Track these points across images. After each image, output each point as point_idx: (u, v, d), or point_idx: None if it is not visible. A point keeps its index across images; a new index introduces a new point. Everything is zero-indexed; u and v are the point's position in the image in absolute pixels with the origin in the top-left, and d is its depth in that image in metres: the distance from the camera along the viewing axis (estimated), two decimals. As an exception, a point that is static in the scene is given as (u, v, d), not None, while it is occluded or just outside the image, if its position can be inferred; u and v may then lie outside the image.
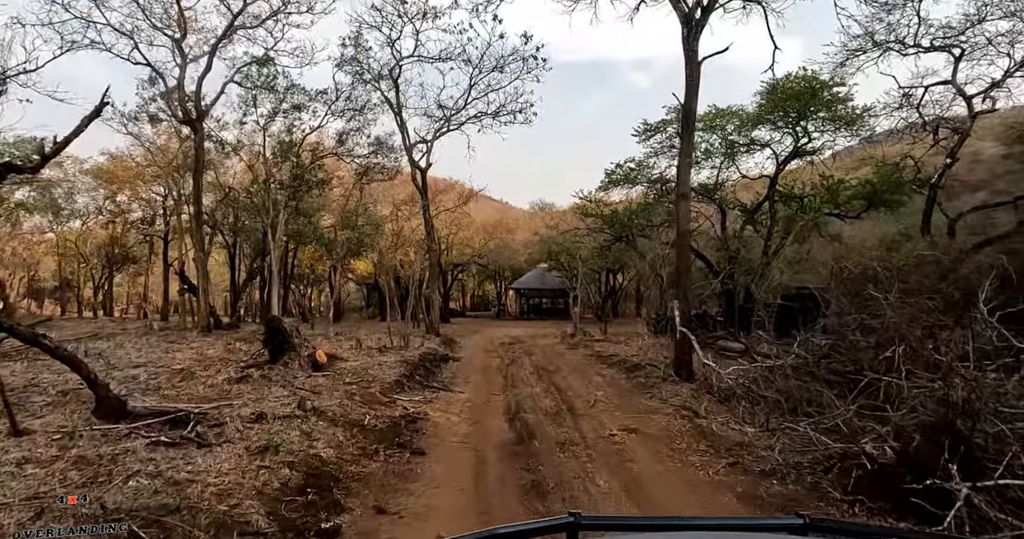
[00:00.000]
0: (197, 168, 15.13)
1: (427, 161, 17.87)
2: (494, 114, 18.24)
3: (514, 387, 10.63)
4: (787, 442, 7.35)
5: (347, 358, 10.87)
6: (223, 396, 7.52)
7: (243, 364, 9.19)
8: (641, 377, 11.30)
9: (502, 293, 56.30)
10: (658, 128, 24.68)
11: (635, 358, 13.61)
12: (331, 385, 8.51)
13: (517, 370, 12.60)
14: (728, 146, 24.44)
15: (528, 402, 9.26)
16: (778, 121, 22.09)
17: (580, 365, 13.43)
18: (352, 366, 10.09)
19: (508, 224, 49.54)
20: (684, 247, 10.96)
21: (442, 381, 10.80)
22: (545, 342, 19.50)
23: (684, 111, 10.82)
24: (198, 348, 11.88)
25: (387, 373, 9.78)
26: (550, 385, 10.87)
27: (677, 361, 11.03)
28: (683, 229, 10.88)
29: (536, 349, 16.90)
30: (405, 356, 11.60)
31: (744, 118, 23.31)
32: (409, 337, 15.03)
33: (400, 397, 8.77)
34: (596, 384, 10.96)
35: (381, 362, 10.60)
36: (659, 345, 16.00)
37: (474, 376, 11.73)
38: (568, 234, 25.69)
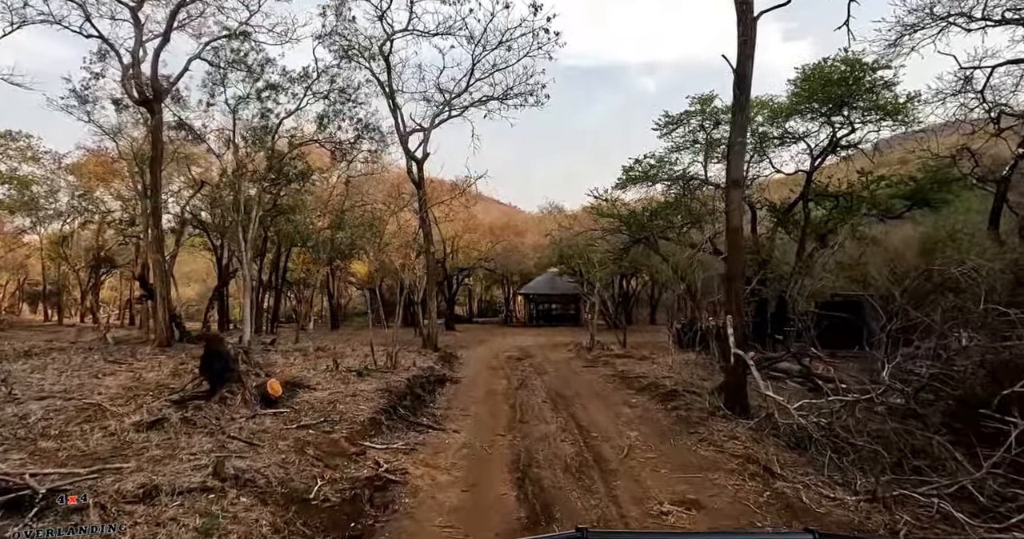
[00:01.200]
0: (154, 156, 13.13)
1: (424, 151, 15.83)
2: (501, 97, 16.15)
3: (523, 422, 8.45)
4: (910, 520, 5.16)
5: (316, 385, 8.73)
6: (118, 452, 5.41)
7: (170, 399, 7.08)
8: (681, 409, 9.08)
9: (510, 298, 54.28)
10: (681, 120, 22.48)
11: (667, 380, 11.40)
12: (279, 430, 6.36)
13: (527, 396, 10.42)
14: (758, 139, 22.15)
15: (542, 449, 7.09)
16: (815, 111, 19.76)
17: (602, 389, 11.22)
18: (319, 397, 7.95)
19: (516, 226, 47.44)
20: (736, 246, 8.77)
21: (434, 414, 8.63)
22: (558, 356, 17.30)
23: (737, 78, 8.64)
24: (141, 370, 9.80)
25: (361, 408, 7.63)
26: (568, 420, 8.68)
27: (728, 390, 8.82)
28: (735, 224, 8.69)
29: (548, 366, 14.71)
30: (390, 381, 9.45)
31: (776, 109, 20.94)
32: (400, 354, 12.91)
33: (374, 444, 6.61)
34: (626, 419, 8.75)
35: (357, 391, 8.46)
36: (692, 364, 13.77)
37: (475, 406, 9.55)
38: (582, 236, 23.51)
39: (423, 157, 15.66)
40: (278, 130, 15.05)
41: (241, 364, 7.30)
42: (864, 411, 8.09)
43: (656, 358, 15.43)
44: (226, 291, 17.34)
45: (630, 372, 12.73)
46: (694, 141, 22.60)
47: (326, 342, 17.85)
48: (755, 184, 23.20)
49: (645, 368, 13.33)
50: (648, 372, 12.67)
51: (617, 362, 14.48)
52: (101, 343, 13.39)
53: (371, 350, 10.94)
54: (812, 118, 19.92)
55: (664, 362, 14.43)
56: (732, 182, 8.69)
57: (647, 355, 15.88)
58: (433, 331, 15.20)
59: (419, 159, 15.61)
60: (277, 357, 12.08)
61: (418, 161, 15.59)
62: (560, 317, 45.78)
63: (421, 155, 15.62)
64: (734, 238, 8.73)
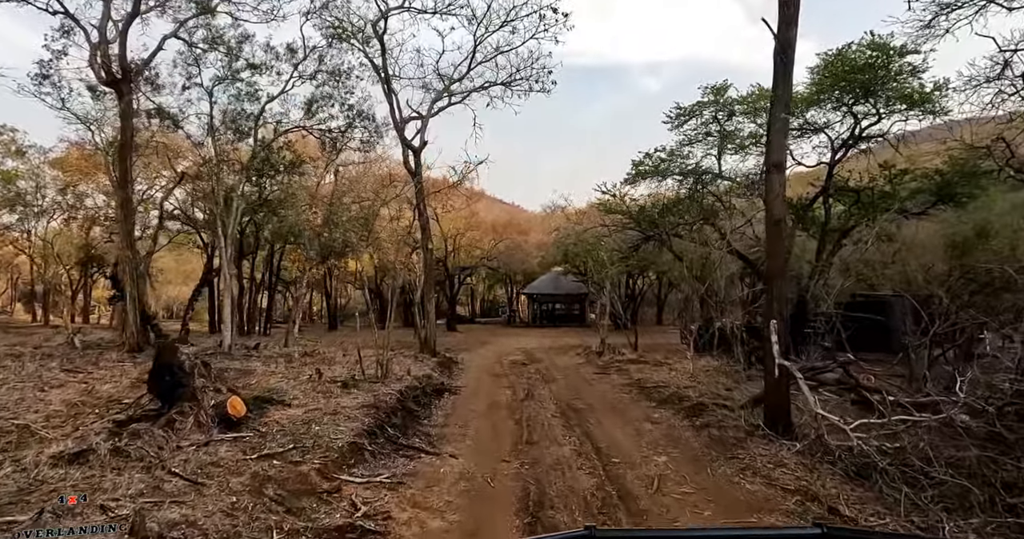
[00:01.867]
0: (123, 143, 11.97)
1: (421, 139, 14.60)
2: (506, 82, 14.96)
3: (532, 444, 7.28)
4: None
5: (291, 400, 7.57)
6: (21, 496, 4.26)
7: (115, 419, 5.93)
8: (713, 426, 7.90)
9: (513, 298, 53.22)
10: (693, 112, 21.25)
11: (690, 391, 10.22)
12: (235, 462, 5.20)
13: (535, 410, 9.24)
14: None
15: (555, 480, 5.93)
16: (837, 100, 18.51)
17: (619, 401, 10.04)
18: (292, 416, 6.79)
19: (520, 224, 46.32)
20: (778, 241, 7.57)
21: (428, 434, 7.47)
22: (566, 360, 16.12)
23: (779, 45, 7.45)
24: (97, 380, 8.66)
25: (341, 429, 6.46)
26: (584, 440, 7.51)
27: (769, 405, 7.63)
28: (777, 215, 7.49)
29: (556, 372, 13.53)
30: (379, 394, 8.28)
31: (794, 99, 19.64)
32: (395, 360, 11.77)
33: (352, 477, 5.46)
34: (651, 439, 7.57)
35: (339, 407, 7.29)
36: (714, 370, 12.59)
37: (476, 422, 8.38)
38: (589, 232, 22.31)
39: (420, 146, 14.48)
40: (262, 115, 13.88)
41: (198, 378, 6.15)
42: (931, 432, 6.92)
43: (673, 363, 14.26)
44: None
45: (647, 380, 11.55)
46: (707, 133, 21.43)
47: (319, 345, 16.72)
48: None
49: (663, 375, 12.15)
50: (667, 380, 11.48)
51: (631, 368, 13.29)
52: (68, 347, 12.30)
53: (359, 357, 9.75)
54: (833, 108, 18.71)
55: (682, 368, 13.24)
56: (773, 165, 7.49)
57: (662, 360, 14.70)
58: (431, 334, 14.05)
59: (416, 148, 14.42)
60: (257, 364, 10.93)
61: (415, 150, 14.39)
62: (564, 317, 44.72)
63: (418, 143, 14.46)
64: (775, 231, 7.53)
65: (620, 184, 23.39)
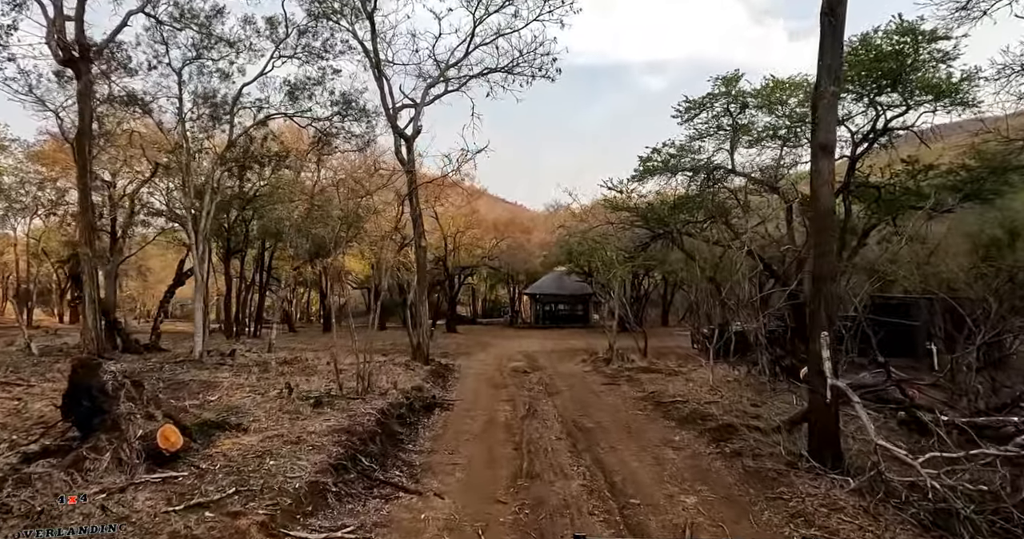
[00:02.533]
0: (81, 128, 10.83)
1: (415, 127, 13.40)
2: (507, 69, 13.76)
3: (533, 477, 6.12)
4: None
5: (249, 424, 6.42)
6: None
7: (27, 450, 4.80)
8: (746, 455, 6.73)
9: (515, 298, 52.10)
10: (704, 104, 20.09)
11: (712, 407, 9.07)
12: (152, 516, 4.05)
13: (537, 430, 8.08)
14: (792, 125, 19.73)
15: (562, 530, 4.79)
16: (860, 91, 17.33)
17: (632, 419, 8.87)
18: (245, 446, 5.64)
19: (522, 223, 45.20)
20: (826, 235, 6.39)
21: (410, 465, 6.32)
22: (571, 367, 14.95)
23: (827, 5, 6.27)
24: (35, 396, 7.53)
25: (302, 463, 5.31)
26: (595, 471, 6.36)
27: (814, 431, 6.45)
28: (825, 205, 6.31)
29: (560, 382, 12.37)
30: (356, 414, 7.13)
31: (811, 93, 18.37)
32: (384, 368, 10.64)
33: (308, 532, 4.31)
34: (675, 471, 6.41)
35: (305, 433, 6.14)
36: (735, 381, 11.42)
37: (468, 446, 7.22)
38: (596, 230, 21.18)
39: (414, 134, 13.29)
40: (239, 100, 12.69)
41: (124, 402, 5.01)
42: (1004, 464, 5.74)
43: (688, 372, 13.08)
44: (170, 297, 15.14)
45: (662, 393, 10.37)
46: (718, 127, 20.28)
47: (307, 349, 15.61)
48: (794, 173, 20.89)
49: (679, 387, 10.97)
50: (685, 393, 10.32)
51: (643, 378, 12.12)
52: (24, 354, 11.20)
53: (335, 368, 8.56)
54: (855, 99, 17.51)
55: (700, 378, 12.08)
56: (820, 147, 6.31)
57: (676, 368, 13.52)
58: (424, 339, 12.89)
59: (408, 136, 13.24)
60: (226, 376, 9.79)
61: (407, 138, 13.21)
62: (567, 318, 43.65)
63: (411, 132, 13.28)
64: (824, 224, 6.36)
65: (627, 181, 22.30)
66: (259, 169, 14.13)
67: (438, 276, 37.89)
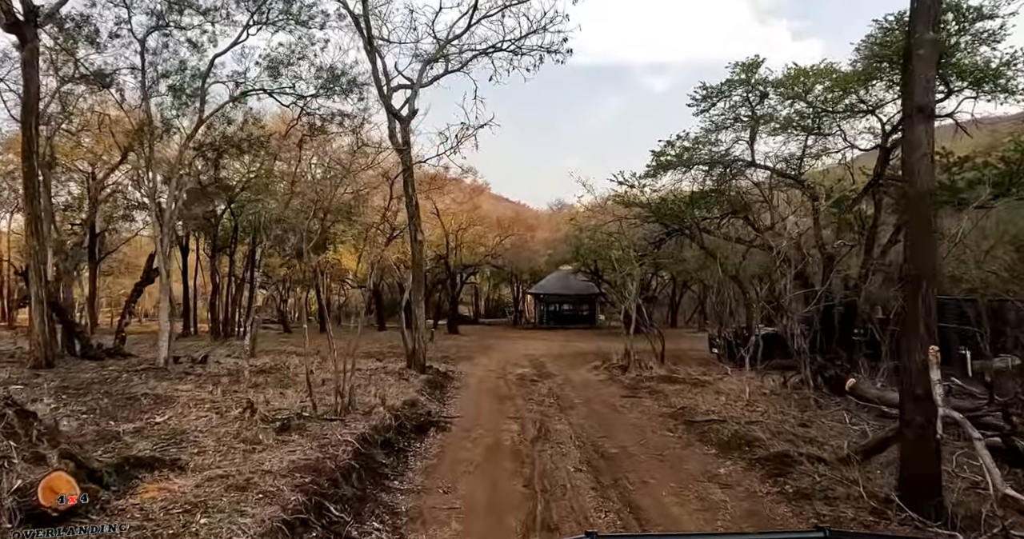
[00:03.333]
0: (26, 103, 9.49)
1: (410, 108, 12.00)
2: (514, 45, 12.40)
3: (552, 530, 4.77)
4: None
5: (190, 460, 5.06)
6: None
7: None
8: (816, 497, 5.36)
9: (519, 298, 50.77)
10: (722, 92, 18.61)
11: (756, 428, 7.69)
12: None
13: (551, 458, 6.72)
14: (815, 115, 18.28)
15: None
16: (894, 77, 15.89)
17: (663, 444, 7.48)
18: (172, 494, 4.27)
19: (527, 220, 43.82)
20: (926, 225, 5.02)
21: (393, 510, 4.98)
22: (584, 375, 13.59)
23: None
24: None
25: (245, 522, 3.95)
26: (629, 519, 5.00)
27: (909, 472, 5.07)
28: (925, 184, 4.93)
29: (574, 394, 11.00)
30: (329, 443, 5.78)
31: (839, 79, 16.94)
32: (374, 378, 9.29)
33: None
34: (730, 520, 5.03)
35: (258, 471, 4.78)
36: (773, 396, 10.04)
37: (467, 482, 5.87)
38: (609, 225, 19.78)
39: (409, 115, 11.89)
40: (211, 73, 11.29)
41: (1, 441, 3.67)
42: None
43: (714, 382, 11.71)
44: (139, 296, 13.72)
45: (692, 408, 9.01)
46: (736, 118, 18.84)
47: (295, 353, 14.29)
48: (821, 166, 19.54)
49: (710, 401, 9.59)
50: (718, 409, 8.95)
51: (666, 389, 10.75)
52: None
53: (308, 384, 7.16)
54: (887, 86, 16.10)
55: (729, 390, 10.69)
56: (917, 109, 4.94)
57: (700, 378, 12.15)
58: (421, 344, 11.53)
59: (404, 117, 11.84)
60: (187, 388, 8.46)
61: (402, 120, 11.83)
62: (572, 318, 42.31)
63: (407, 113, 11.87)
64: (921, 210, 5.00)
65: (638, 176, 20.99)
66: (239, 155, 12.80)
67: (439, 274, 36.56)
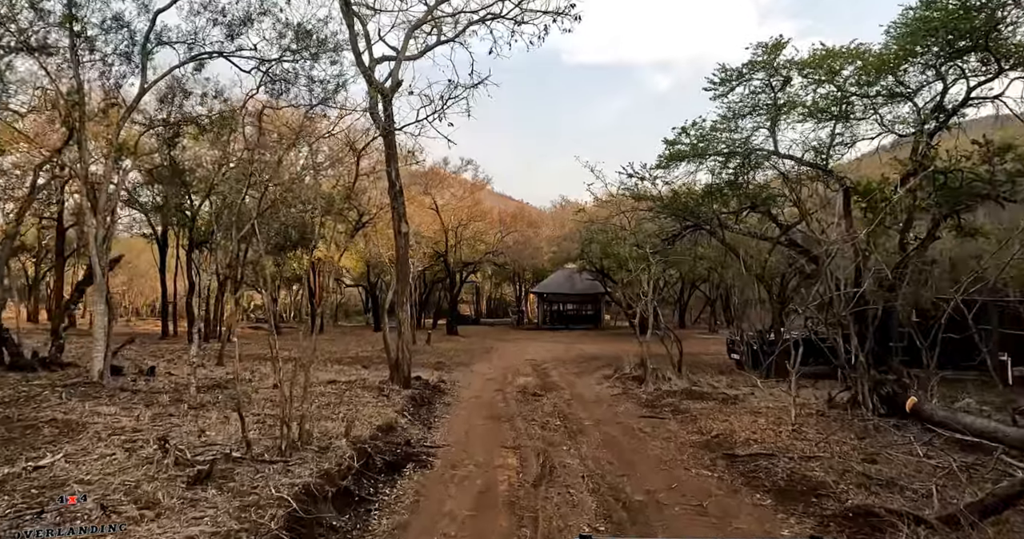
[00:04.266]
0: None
1: (394, 80, 10.36)
2: (518, 17, 10.76)
3: None
4: None
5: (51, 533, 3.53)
6: None
7: None
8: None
9: (522, 297, 49.33)
10: (742, 74, 16.91)
11: (815, 465, 6.14)
12: None
13: (560, 510, 5.14)
14: (842, 101, 16.52)
15: None
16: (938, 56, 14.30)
17: (703, 489, 5.86)
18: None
19: (529, 216, 42.32)
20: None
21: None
22: (593, 387, 12.01)
23: None
24: None
25: None
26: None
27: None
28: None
29: (583, 412, 9.43)
30: (258, 502, 4.23)
31: (872, 62, 15.20)
32: (349, 394, 7.77)
33: None
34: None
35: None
36: (820, 416, 8.46)
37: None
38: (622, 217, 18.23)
39: (392, 87, 10.26)
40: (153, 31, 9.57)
41: None
42: None
43: (744, 397, 10.15)
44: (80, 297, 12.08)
45: (729, 436, 7.42)
46: (755, 105, 17.18)
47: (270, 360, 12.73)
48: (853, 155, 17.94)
49: (747, 424, 8.01)
50: (759, 436, 7.38)
51: (692, 407, 9.17)
52: None
53: (240, 416, 5.48)
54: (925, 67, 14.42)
55: (764, 407, 9.13)
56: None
57: (728, 391, 10.58)
58: (404, 354, 9.89)
59: (386, 90, 10.23)
60: (112, 411, 6.89)
61: (384, 93, 10.22)
62: (577, 318, 40.89)
63: (391, 86, 10.26)
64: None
65: (650, 167, 19.46)
66: (200, 134, 11.21)
67: (439, 273, 35.08)
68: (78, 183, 9.66)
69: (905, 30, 13.85)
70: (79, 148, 8.61)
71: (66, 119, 9.39)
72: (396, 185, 9.94)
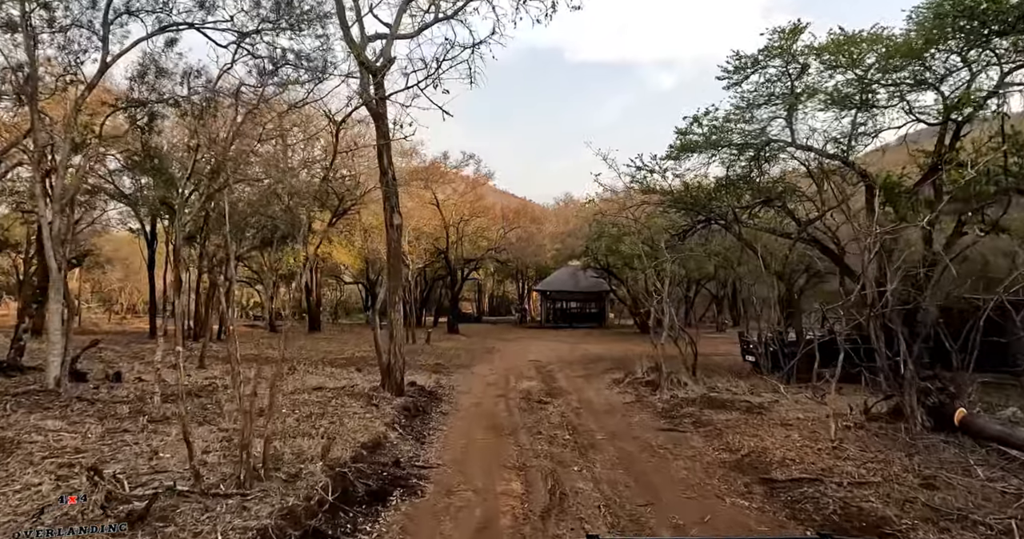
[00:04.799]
0: None
1: (385, 59, 9.42)
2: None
3: None
4: None
5: None
6: None
7: None
8: None
9: (525, 295, 48.46)
10: (757, 61, 15.92)
11: (868, 493, 5.27)
12: None
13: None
14: (863, 89, 15.49)
15: None
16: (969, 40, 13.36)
17: (739, 521, 4.95)
18: None
19: (532, 212, 41.41)
20: None
21: None
22: (603, 394, 11.12)
23: None
24: None
25: None
26: None
27: None
28: None
29: (594, 423, 8.55)
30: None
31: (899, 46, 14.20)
32: (335, 402, 6.94)
33: None
34: None
35: None
36: (860, 430, 7.58)
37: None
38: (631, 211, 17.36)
39: (383, 65, 9.34)
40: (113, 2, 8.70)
41: None
42: None
43: (770, 406, 9.26)
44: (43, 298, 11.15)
45: (762, 454, 6.54)
46: (771, 94, 16.22)
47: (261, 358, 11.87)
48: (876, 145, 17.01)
49: (780, 439, 7.12)
50: (796, 455, 6.49)
51: (715, 419, 8.28)
52: None
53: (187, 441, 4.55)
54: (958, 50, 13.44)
55: (795, 418, 8.25)
56: None
57: (752, 400, 9.70)
58: (397, 359, 9.00)
59: (376, 69, 9.30)
60: (56, 426, 6.03)
61: (373, 71, 9.30)
62: (581, 317, 40.04)
63: (381, 64, 9.35)
64: None
65: (660, 158, 18.58)
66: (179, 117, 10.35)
67: (439, 270, 34.23)
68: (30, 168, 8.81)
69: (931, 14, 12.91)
70: (31, 128, 7.76)
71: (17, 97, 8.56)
72: (388, 173, 9.05)
